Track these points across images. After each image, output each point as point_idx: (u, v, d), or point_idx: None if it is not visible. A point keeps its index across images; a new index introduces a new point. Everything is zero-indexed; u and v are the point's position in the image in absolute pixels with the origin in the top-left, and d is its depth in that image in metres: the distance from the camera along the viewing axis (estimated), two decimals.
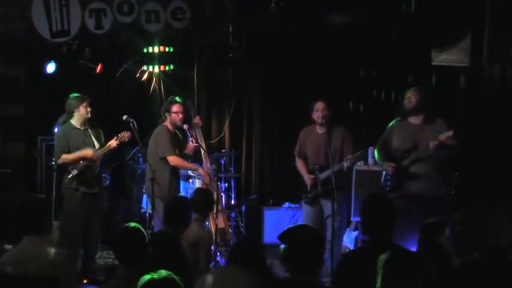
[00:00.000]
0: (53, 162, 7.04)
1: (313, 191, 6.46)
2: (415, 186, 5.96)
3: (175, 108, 6.87)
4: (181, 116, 6.87)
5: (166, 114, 6.91)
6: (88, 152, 6.60)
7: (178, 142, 6.94)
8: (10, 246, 6.81)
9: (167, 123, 6.91)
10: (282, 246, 3.64)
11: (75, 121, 6.71)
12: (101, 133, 6.87)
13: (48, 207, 4.10)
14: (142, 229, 3.83)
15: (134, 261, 3.66)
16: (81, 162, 6.59)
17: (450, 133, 5.76)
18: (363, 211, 4.10)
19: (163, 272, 2.97)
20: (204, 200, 5.65)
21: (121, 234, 3.85)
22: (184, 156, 7.17)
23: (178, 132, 7.03)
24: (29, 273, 3.58)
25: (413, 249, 4.45)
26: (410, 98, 6.07)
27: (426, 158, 5.91)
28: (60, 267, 3.76)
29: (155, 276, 2.94)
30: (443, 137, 5.76)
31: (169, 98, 7.53)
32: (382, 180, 6.24)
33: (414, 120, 6.07)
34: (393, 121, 6.27)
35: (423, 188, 5.94)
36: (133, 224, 3.87)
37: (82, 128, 6.72)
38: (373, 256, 3.31)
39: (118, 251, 3.81)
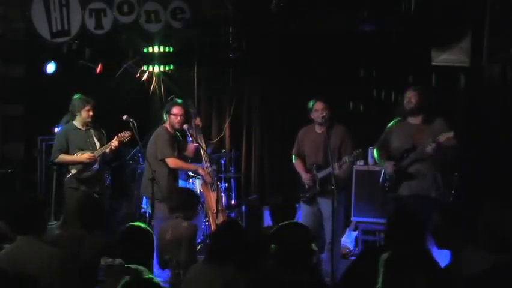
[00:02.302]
0: (50, 162, 7.08)
1: (312, 190, 6.45)
2: (413, 187, 5.94)
3: (175, 110, 6.86)
4: (179, 118, 6.84)
5: (167, 115, 6.91)
6: (83, 156, 6.64)
7: (177, 144, 6.93)
8: (8, 245, 6.83)
9: (167, 124, 6.90)
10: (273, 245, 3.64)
11: (77, 122, 6.76)
12: (104, 133, 6.89)
13: (42, 207, 4.04)
14: (149, 229, 3.83)
15: (137, 260, 3.65)
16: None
17: (450, 134, 5.70)
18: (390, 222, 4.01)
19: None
20: (187, 199, 5.69)
21: (128, 233, 3.84)
22: (184, 158, 7.17)
23: (178, 134, 7.03)
24: (22, 272, 3.57)
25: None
26: (410, 98, 6.04)
27: (426, 158, 5.89)
28: (56, 266, 3.74)
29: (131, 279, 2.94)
30: (442, 138, 5.70)
31: (170, 98, 7.53)
32: (380, 180, 6.22)
33: (414, 120, 6.04)
34: (392, 121, 6.26)
35: (421, 188, 5.92)
36: (141, 224, 3.87)
37: (84, 129, 6.76)
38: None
39: (123, 249, 3.79)
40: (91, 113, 6.72)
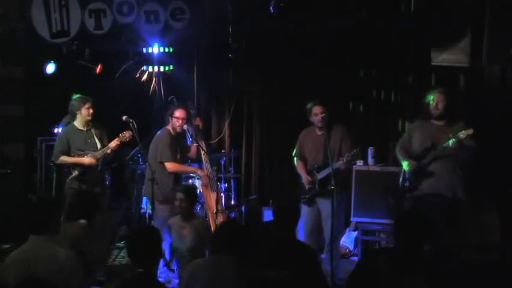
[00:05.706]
0: (51, 163, 7.09)
1: (311, 191, 6.46)
2: (432, 186, 6.01)
3: (177, 113, 6.84)
4: (181, 122, 6.82)
5: (169, 117, 6.89)
6: (85, 160, 6.65)
7: (179, 146, 6.92)
8: (8, 246, 6.84)
9: (169, 126, 6.89)
10: None
11: (78, 122, 6.77)
12: (105, 133, 6.90)
13: (57, 207, 4.04)
14: (159, 232, 3.84)
15: (146, 263, 3.65)
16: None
17: (470, 131, 5.81)
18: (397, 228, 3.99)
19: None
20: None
21: (139, 235, 3.84)
22: (186, 159, 7.16)
23: (179, 136, 7.02)
24: (35, 274, 3.57)
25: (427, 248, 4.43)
26: (437, 103, 6.09)
27: (445, 158, 5.96)
28: (70, 268, 3.74)
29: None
30: (463, 135, 5.81)
31: (170, 99, 7.52)
32: (400, 179, 6.26)
33: (437, 121, 6.13)
34: (415, 121, 6.38)
35: (440, 188, 5.99)
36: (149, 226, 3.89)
37: (85, 129, 6.77)
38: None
39: (134, 252, 3.79)
40: (91, 110, 6.73)
